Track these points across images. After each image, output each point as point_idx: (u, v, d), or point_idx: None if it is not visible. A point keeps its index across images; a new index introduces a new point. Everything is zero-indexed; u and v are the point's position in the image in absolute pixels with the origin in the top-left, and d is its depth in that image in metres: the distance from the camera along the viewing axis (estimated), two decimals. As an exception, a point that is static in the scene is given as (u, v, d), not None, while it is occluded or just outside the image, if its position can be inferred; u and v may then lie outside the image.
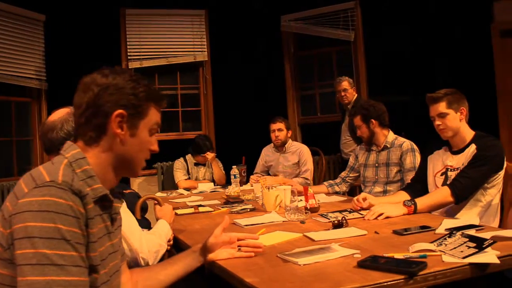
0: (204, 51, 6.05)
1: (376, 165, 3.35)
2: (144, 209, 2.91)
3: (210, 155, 4.62)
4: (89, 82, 1.21)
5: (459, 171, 2.47)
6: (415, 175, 2.86)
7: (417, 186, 2.72)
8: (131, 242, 1.88)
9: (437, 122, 2.54)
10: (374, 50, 5.61)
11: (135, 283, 1.49)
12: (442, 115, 2.51)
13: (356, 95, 5.04)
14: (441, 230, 1.89)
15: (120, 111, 1.19)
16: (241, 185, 4.07)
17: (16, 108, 5.07)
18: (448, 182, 2.49)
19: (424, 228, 1.96)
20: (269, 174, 4.54)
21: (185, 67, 6.14)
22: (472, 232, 1.78)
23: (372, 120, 3.33)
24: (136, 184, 5.78)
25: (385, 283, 1.32)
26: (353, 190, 4.26)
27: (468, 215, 2.40)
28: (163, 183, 5.22)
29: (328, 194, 3.41)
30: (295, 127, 6.28)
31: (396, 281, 1.33)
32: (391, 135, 3.35)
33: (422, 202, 2.38)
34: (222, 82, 6.06)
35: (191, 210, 2.96)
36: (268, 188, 2.84)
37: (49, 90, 5.21)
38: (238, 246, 1.69)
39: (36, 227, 1.01)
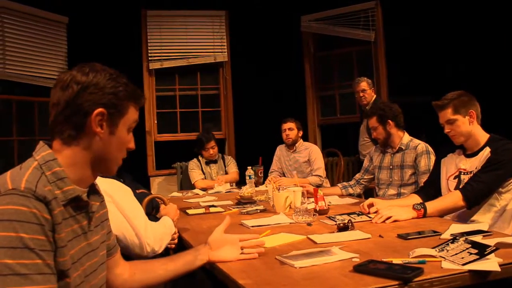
0: (224, 52, 6.07)
1: (391, 167, 3.30)
2: (156, 208, 2.94)
3: (221, 179, 4.49)
4: (68, 79, 1.19)
5: (472, 174, 2.41)
6: (428, 178, 2.80)
7: (430, 190, 2.66)
8: (138, 229, 1.92)
9: (447, 130, 2.48)
10: (395, 50, 5.52)
11: (132, 275, 1.50)
12: (450, 122, 2.45)
13: (374, 96, 4.96)
14: (446, 235, 1.84)
15: (100, 109, 1.19)
16: (257, 186, 4.07)
17: (39, 108, 5.17)
18: (461, 186, 2.43)
19: (431, 232, 1.92)
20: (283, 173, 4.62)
21: (205, 67, 6.17)
22: (478, 238, 1.73)
23: (389, 121, 3.28)
24: (156, 183, 5.85)
25: (379, 289, 1.30)
26: (370, 192, 4.20)
27: (481, 220, 2.34)
28: (181, 183, 5.26)
29: (341, 196, 3.37)
30: (315, 128, 6.25)
31: (389, 287, 1.31)
32: (406, 137, 3.29)
33: (433, 206, 2.33)
34: (242, 82, 6.07)
35: (202, 210, 2.97)
36: (278, 189, 2.83)
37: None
38: (241, 247, 1.68)
39: None
